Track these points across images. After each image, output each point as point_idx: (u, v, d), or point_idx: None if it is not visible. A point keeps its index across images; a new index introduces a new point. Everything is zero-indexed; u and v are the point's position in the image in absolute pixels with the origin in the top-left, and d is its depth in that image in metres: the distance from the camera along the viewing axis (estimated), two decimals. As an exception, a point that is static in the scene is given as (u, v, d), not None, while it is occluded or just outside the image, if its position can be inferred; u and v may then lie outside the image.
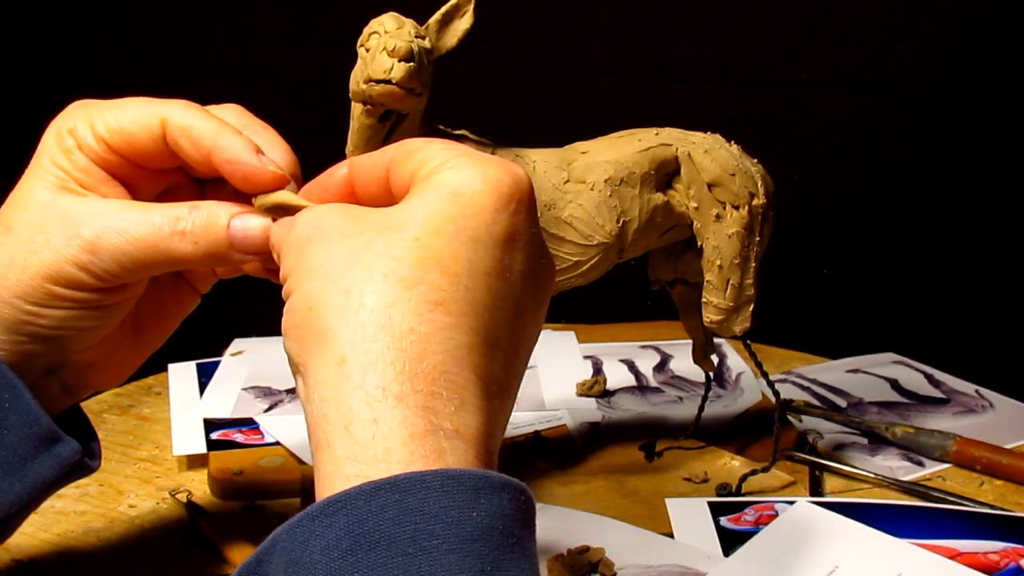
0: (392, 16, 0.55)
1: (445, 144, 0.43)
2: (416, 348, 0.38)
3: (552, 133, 0.66)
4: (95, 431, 0.53)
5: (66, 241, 0.46)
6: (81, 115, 0.48)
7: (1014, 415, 0.82)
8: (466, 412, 0.38)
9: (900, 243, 1.20)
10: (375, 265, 0.39)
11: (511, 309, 0.41)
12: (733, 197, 0.62)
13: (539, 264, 0.43)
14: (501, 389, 0.41)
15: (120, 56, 1.36)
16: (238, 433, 0.76)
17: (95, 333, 0.50)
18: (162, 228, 0.47)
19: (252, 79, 1.35)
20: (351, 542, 0.34)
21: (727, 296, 0.64)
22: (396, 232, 0.39)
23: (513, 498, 0.37)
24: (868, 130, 1.18)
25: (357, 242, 0.40)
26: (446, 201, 0.40)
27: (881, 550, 0.59)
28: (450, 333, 0.38)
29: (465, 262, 0.39)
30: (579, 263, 0.61)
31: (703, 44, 1.20)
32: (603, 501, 0.66)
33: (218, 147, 0.47)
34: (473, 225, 0.40)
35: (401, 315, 0.38)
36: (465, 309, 0.39)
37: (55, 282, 0.47)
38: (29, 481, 0.47)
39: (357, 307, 0.38)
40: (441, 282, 0.39)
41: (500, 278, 0.40)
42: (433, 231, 0.39)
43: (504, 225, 0.40)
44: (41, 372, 0.49)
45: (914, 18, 1.14)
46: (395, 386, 0.37)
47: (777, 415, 0.68)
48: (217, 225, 0.47)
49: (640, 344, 0.95)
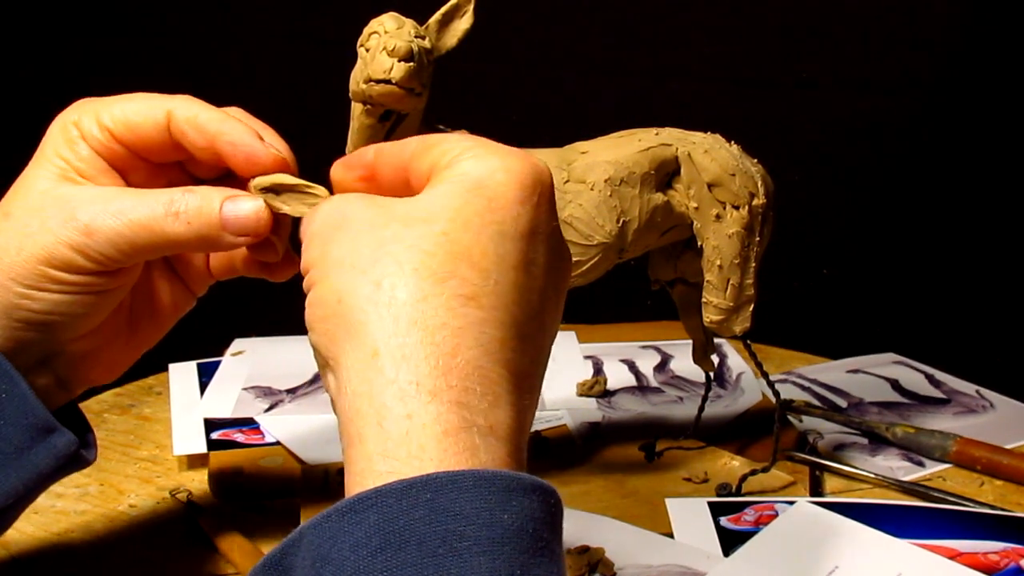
0: (392, 16, 0.55)
1: (464, 136, 0.43)
2: (450, 343, 0.37)
3: (552, 133, 0.66)
4: (90, 425, 0.53)
5: (62, 224, 0.47)
6: (87, 108, 0.49)
7: (1014, 415, 0.82)
8: (499, 408, 0.38)
9: (900, 243, 1.20)
10: (405, 258, 0.39)
11: (537, 302, 0.41)
12: (733, 197, 0.62)
13: (559, 257, 0.43)
14: (531, 384, 0.40)
15: (120, 56, 1.36)
16: (238, 433, 0.76)
17: (88, 320, 0.50)
18: (156, 209, 0.47)
19: (252, 79, 1.35)
20: (381, 540, 0.34)
21: (727, 296, 0.64)
22: (425, 225, 0.39)
23: (543, 501, 0.36)
24: (868, 130, 1.18)
25: (384, 234, 0.39)
26: (471, 193, 0.40)
27: (881, 550, 0.59)
28: (483, 328, 0.38)
29: (494, 256, 0.39)
30: (579, 263, 0.61)
31: (703, 44, 1.20)
32: (603, 501, 0.67)
33: (222, 131, 0.48)
34: (499, 219, 0.40)
35: (434, 309, 0.38)
36: (496, 303, 0.39)
37: (50, 264, 0.47)
38: (25, 472, 0.48)
39: (389, 300, 0.38)
40: (472, 276, 0.38)
41: (526, 272, 0.40)
42: (461, 225, 0.39)
43: (528, 218, 0.40)
44: (34, 362, 0.49)
45: (914, 18, 1.14)
46: (429, 381, 0.37)
47: (777, 415, 0.68)
48: (210, 206, 0.47)
49: (640, 344, 0.95)
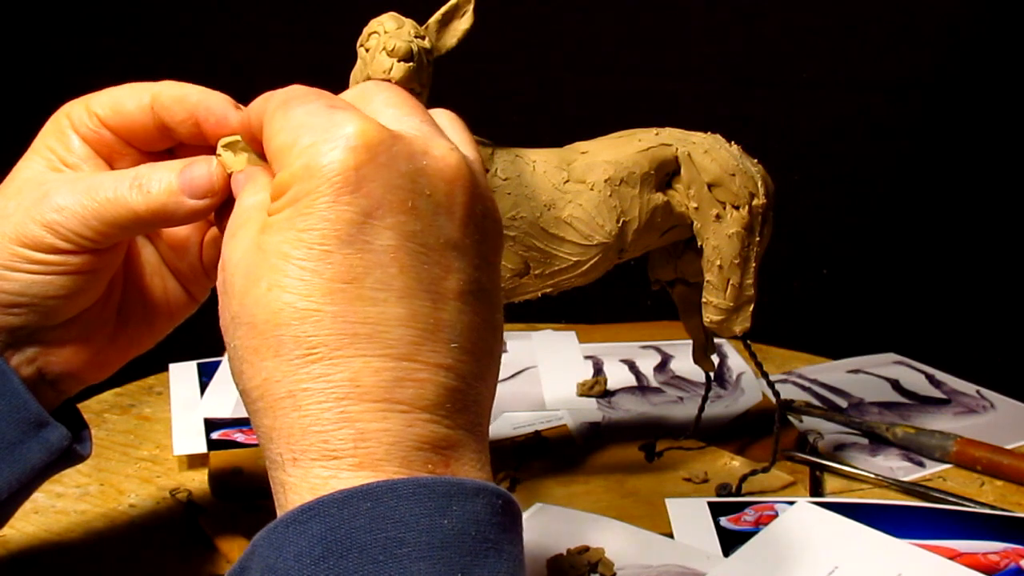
0: (392, 16, 0.55)
1: (280, 127, 0.41)
2: (299, 409, 0.37)
3: (552, 133, 0.66)
4: (86, 422, 0.53)
5: (34, 203, 0.47)
6: (79, 100, 0.50)
7: (1015, 415, 0.82)
8: (367, 442, 0.37)
9: (900, 243, 1.21)
10: (247, 340, 0.39)
11: (403, 288, 0.38)
12: (733, 197, 0.62)
13: (403, 236, 0.39)
14: (428, 375, 0.38)
15: (120, 57, 1.36)
16: (238, 433, 0.76)
17: (66, 304, 0.49)
18: (122, 184, 0.47)
19: (252, 79, 1.34)
20: (323, 549, 0.34)
21: (727, 296, 0.64)
22: (255, 287, 0.39)
23: (488, 503, 0.37)
24: (868, 130, 1.18)
25: (233, 311, 0.40)
26: (291, 218, 0.38)
27: (881, 550, 0.59)
28: (327, 378, 0.37)
29: (320, 286, 0.38)
30: (579, 263, 0.61)
31: (703, 44, 1.20)
32: (603, 501, 0.67)
33: (202, 100, 0.49)
34: (318, 239, 0.38)
35: (275, 385, 0.38)
36: (338, 343, 0.37)
37: (20, 243, 0.47)
38: (19, 466, 0.48)
39: (245, 386, 0.39)
40: (303, 329, 0.37)
41: (370, 273, 0.38)
42: (283, 271, 0.38)
43: (350, 213, 0.38)
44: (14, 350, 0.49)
45: (914, 18, 1.14)
46: (289, 452, 0.38)
47: (777, 415, 0.68)
48: (168, 174, 0.47)
49: (641, 344, 0.95)
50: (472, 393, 0.40)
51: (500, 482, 0.67)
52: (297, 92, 0.42)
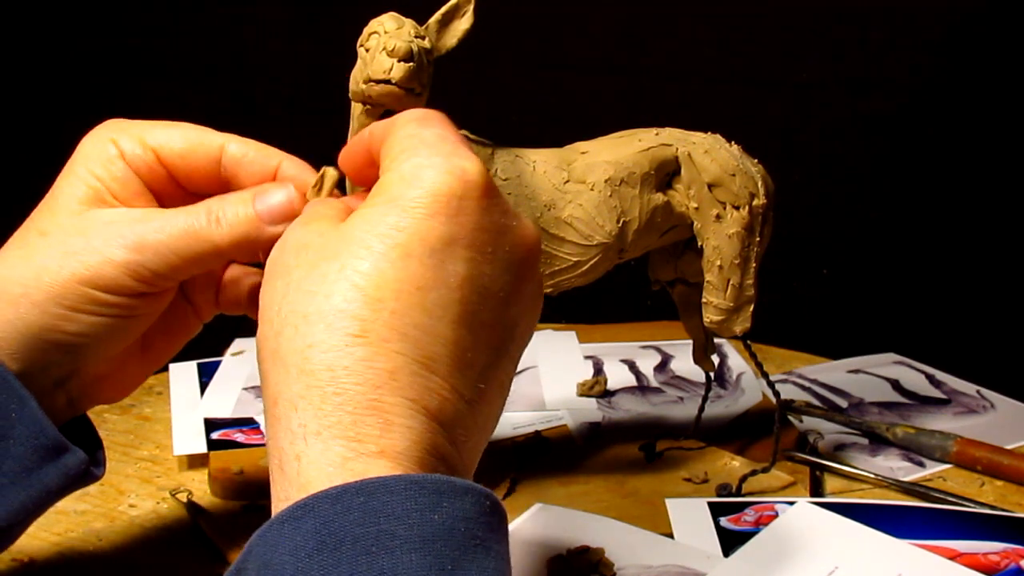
0: (392, 16, 0.55)
1: (408, 134, 0.43)
2: (333, 385, 0.39)
3: (552, 133, 0.66)
4: (100, 440, 0.53)
5: (107, 243, 0.47)
6: (126, 128, 0.50)
7: (1015, 415, 0.82)
8: (392, 433, 0.39)
9: (900, 243, 1.20)
10: (300, 306, 0.40)
11: (457, 316, 0.41)
12: (733, 197, 0.62)
13: (493, 258, 0.42)
14: (452, 397, 0.41)
15: (121, 57, 1.36)
16: (239, 433, 0.76)
17: (115, 344, 0.50)
18: (199, 219, 0.48)
19: (252, 79, 1.35)
20: (317, 543, 0.35)
21: (727, 296, 0.64)
22: (328, 263, 0.40)
23: (476, 502, 0.38)
24: (868, 130, 1.18)
25: (290, 279, 0.41)
26: (382, 214, 0.41)
27: (881, 551, 0.59)
28: (370, 363, 0.39)
29: (393, 281, 0.40)
30: (579, 263, 0.61)
31: (703, 44, 1.20)
32: (603, 501, 0.67)
33: (282, 168, 0.51)
34: (404, 240, 0.40)
35: (320, 355, 0.39)
36: (387, 335, 0.39)
37: (94, 285, 0.47)
38: (34, 491, 0.47)
39: (286, 350, 0.40)
40: (363, 312, 0.39)
41: (434, 289, 0.40)
42: (365, 255, 0.40)
43: (441, 231, 0.40)
44: (51, 383, 0.49)
45: (914, 18, 1.14)
46: (314, 423, 0.38)
47: (777, 415, 0.68)
48: (245, 205, 0.49)
49: (641, 344, 0.95)
50: (473, 439, 0.42)
51: (501, 482, 0.67)
52: (437, 116, 0.45)
